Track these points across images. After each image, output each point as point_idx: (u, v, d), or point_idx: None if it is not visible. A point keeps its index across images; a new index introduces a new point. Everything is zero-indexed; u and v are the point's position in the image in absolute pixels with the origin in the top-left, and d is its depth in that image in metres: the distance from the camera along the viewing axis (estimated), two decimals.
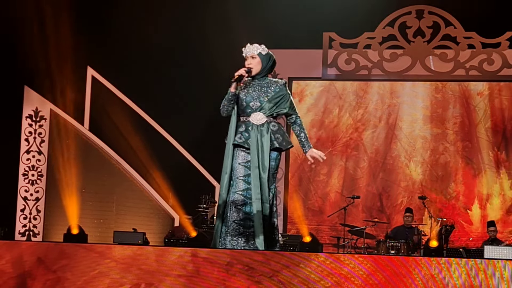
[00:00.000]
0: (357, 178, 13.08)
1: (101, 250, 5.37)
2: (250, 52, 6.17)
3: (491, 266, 4.97)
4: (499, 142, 12.79)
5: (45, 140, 11.82)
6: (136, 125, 12.12)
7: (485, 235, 12.08)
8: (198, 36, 12.44)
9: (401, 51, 12.82)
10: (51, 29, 11.54)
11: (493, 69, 12.60)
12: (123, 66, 12.10)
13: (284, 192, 13.04)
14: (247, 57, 6.18)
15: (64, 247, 5.45)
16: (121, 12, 11.73)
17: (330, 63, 12.91)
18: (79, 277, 5.32)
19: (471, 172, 12.80)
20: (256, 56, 6.16)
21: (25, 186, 11.72)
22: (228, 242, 6.04)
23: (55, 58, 11.43)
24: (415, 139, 13.03)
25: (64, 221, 11.43)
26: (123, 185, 12.11)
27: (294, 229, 12.82)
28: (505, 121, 12.79)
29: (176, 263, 5.24)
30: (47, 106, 11.85)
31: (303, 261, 5.13)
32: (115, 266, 5.31)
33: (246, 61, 6.18)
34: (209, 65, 11.79)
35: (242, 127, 6.15)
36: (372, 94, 13.20)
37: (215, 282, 5.17)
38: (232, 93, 6.12)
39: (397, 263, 5.06)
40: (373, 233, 11.95)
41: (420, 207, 12.15)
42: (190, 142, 12.57)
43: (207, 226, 11.40)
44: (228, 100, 6.13)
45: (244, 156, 6.14)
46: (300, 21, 12.44)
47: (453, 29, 12.65)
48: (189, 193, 12.03)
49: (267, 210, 6.04)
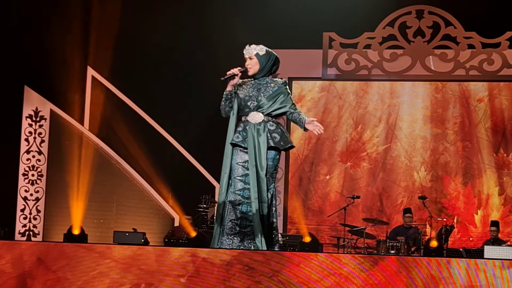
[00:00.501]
0: (357, 178, 13.08)
1: (101, 250, 5.37)
2: (248, 53, 6.25)
3: (491, 266, 4.97)
4: (499, 142, 12.79)
5: (45, 140, 11.83)
6: (136, 125, 12.12)
7: (485, 235, 12.08)
8: (198, 36, 12.45)
9: (401, 51, 12.82)
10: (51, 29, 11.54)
11: (493, 69, 12.59)
12: (123, 66, 12.10)
13: (284, 192, 13.03)
14: (246, 58, 6.25)
15: (64, 247, 5.45)
16: (121, 12, 11.72)
17: (330, 63, 12.91)
18: (79, 277, 5.32)
19: (471, 172, 12.80)
20: (253, 57, 6.22)
21: (25, 186, 11.73)
22: (224, 241, 6.07)
23: (55, 58, 11.44)
24: (415, 139, 13.03)
25: (64, 221, 11.44)
26: (123, 185, 12.12)
27: (294, 229, 12.82)
28: (505, 121, 12.79)
29: (176, 263, 5.25)
30: (47, 106, 11.85)
31: (303, 261, 5.13)
32: (115, 266, 5.31)
33: (246, 62, 6.25)
34: (209, 65, 11.78)
35: (240, 126, 6.19)
36: (372, 94, 13.20)
37: (215, 282, 5.17)
38: (227, 92, 6.20)
39: (397, 263, 5.06)
40: (373, 233, 11.95)
41: (420, 207, 12.15)
42: (190, 142, 12.57)
43: (207, 226, 11.39)
44: (224, 100, 6.19)
45: (242, 156, 6.16)
46: (300, 21, 12.44)
47: (453, 29, 12.65)
48: (189, 193, 12.03)
49: (265, 209, 6.05)
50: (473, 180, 12.78)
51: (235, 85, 6.23)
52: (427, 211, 11.73)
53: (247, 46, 6.27)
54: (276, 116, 6.24)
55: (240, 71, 6.17)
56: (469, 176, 12.80)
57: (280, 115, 6.28)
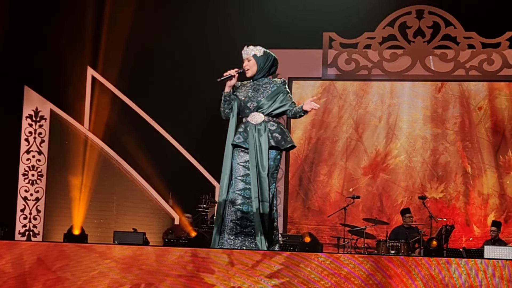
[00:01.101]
0: (357, 178, 13.08)
1: (101, 250, 5.37)
2: (246, 54, 6.28)
3: (491, 266, 4.97)
4: (499, 142, 12.79)
5: (45, 140, 11.83)
6: (136, 125, 12.12)
7: (485, 235, 12.08)
8: (199, 36, 12.45)
9: (401, 51, 12.82)
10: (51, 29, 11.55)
11: (493, 69, 12.59)
12: (123, 66, 12.09)
13: (284, 192, 13.04)
14: (244, 59, 6.28)
15: (64, 247, 5.45)
16: (121, 13, 11.72)
17: (330, 63, 12.91)
18: (79, 277, 5.32)
19: (471, 172, 12.80)
20: (251, 58, 6.24)
21: (25, 186, 11.73)
22: (225, 241, 6.07)
23: (55, 58, 11.44)
24: (415, 139, 13.03)
25: (64, 221, 11.44)
26: (123, 185, 12.11)
27: (294, 229, 12.82)
28: (505, 121, 12.79)
29: (176, 263, 5.25)
30: (47, 106, 11.85)
31: (303, 261, 5.13)
32: (115, 266, 5.31)
33: (243, 63, 6.27)
34: (209, 65, 11.78)
35: (241, 127, 6.21)
36: (372, 94, 13.20)
37: (215, 282, 5.17)
38: (226, 93, 6.23)
39: (397, 263, 5.06)
40: (373, 233, 11.95)
41: (420, 207, 12.15)
42: (190, 142, 12.56)
43: (207, 226, 11.39)
44: (223, 102, 6.23)
45: (243, 156, 6.17)
46: (300, 21, 12.44)
47: (453, 29, 12.65)
48: (189, 193, 12.02)
49: (266, 209, 6.05)
50: (473, 180, 12.78)
51: (233, 87, 6.26)
52: (427, 211, 11.73)
53: (245, 47, 6.30)
54: (276, 116, 6.26)
55: (237, 72, 6.20)
56: (469, 176, 12.80)
57: (280, 115, 6.29)
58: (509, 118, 12.77)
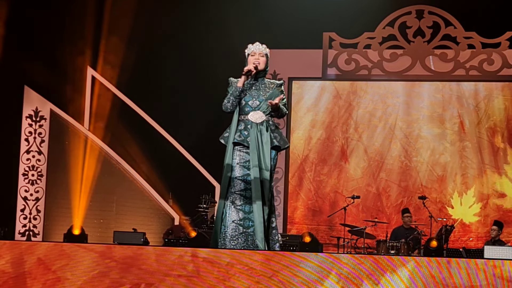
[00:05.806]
0: (357, 178, 13.07)
1: (101, 250, 5.37)
2: (259, 49, 6.34)
3: (491, 266, 4.97)
4: (499, 142, 12.78)
5: (45, 140, 11.83)
6: (136, 125, 12.12)
7: (485, 235, 12.08)
8: (198, 36, 12.44)
9: (401, 51, 12.82)
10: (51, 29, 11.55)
11: (493, 69, 12.59)
12: (123, 66, 12.09)
13: (284, 192, 13.03)
14: (255, 54, 6.30)
15: (64, 247, 5.45)
16: (121, 13, 11.72)
17: (330, 63, 12.91)
18: (79, 277, 5.32)
19: (471, 172, 12.79)
20: (264, 56, 6.34)
21: (25, 186, 11.73)
22: (227, 242, 6.06)
23: (55, 58, 11.44)
24: (415, 139, 13.03)
25: (64, 221, 11.44)
26: (123, 185, 12.12)
27: (294, 229, 12.82)
28: (505, 121, 12.78)
29: (176, 263, 5.25)
30: (47, 106, 11.85)
31: (303, 261, 5.13)
32: (115, 266, 5.31)
33: (253, 56, 6.29)
34: (209, 65, 11.79)
35: (241, 125, 6.23)
36: (372, 94, 13.20)
37: (215, 282, 5.17)
38: (239, 88, 6.24)
39: (397, 263, 5.06)
40: (373, 233, 11.94)
41: (420, 207, 12.15)
42: (190, 142, 12.57)
43: (207, 226, 11.39)
44: (234, 96, 6.22)
45: (242, 156, 6.18)
46: (300, 21, 12.44)
47: (453, 29, 12.65)
48: (189, 193, 12.02)
49: (267, 209, 6.06)
50: (473, 180, 12.77)
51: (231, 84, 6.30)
52: (427, 211, 11.73)
53: (258, 43, 6.37)
54: (274, 116, 6.31)
55: (254, 68, 6.27)
56: (469, 176, 12.79)
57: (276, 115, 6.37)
58: (509, 118, 12.77)
